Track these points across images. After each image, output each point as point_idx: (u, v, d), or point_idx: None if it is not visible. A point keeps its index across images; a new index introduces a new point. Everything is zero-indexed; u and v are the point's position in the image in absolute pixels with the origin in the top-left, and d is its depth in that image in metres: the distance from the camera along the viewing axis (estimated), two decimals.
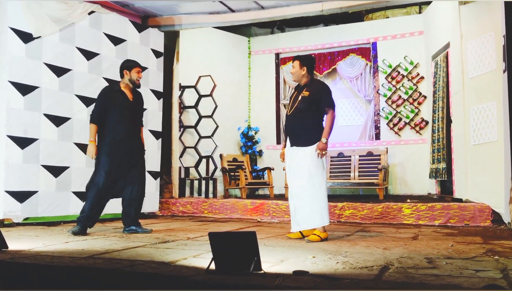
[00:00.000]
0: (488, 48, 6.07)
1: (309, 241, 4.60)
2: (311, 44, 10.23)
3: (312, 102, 4.80)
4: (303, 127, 4.80)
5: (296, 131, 4.86)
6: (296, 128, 4.86)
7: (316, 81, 5.07)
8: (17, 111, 5.81)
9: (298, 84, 5.05)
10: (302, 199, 4.75)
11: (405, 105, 9.30)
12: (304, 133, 4.79)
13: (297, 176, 4.81)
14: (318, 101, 4.80)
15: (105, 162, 5.19)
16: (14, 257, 3.47)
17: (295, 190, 4.82)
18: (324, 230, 4.74)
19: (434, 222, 6.22)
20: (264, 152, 10.42)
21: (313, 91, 4.84)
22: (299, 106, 4.84)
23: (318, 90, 4.86)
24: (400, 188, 9.25)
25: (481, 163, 6.24)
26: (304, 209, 4.73)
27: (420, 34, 9.19)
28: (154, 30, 7.79)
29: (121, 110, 5.29)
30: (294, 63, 4.97)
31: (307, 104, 4.80)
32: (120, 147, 5.24)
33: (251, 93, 10.74)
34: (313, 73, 5.02)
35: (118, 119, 5.25)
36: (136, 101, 5.55)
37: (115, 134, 5.23)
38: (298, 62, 4.93)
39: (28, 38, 5.95)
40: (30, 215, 5.95)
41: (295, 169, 4.84)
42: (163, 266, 3.14)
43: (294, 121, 4.89)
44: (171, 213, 7.98)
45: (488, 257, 3.56)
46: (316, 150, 4.68)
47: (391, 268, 3.08)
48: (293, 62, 5.01)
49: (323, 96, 4.83)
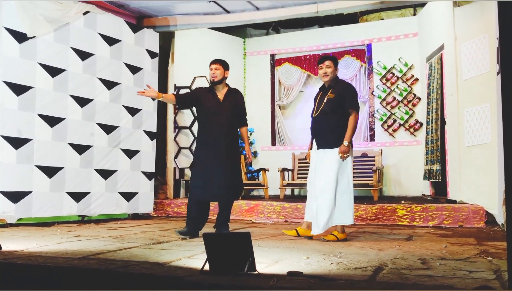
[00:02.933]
0: (482, 50, 6.10)
1: (324, 240, 4.71)
2: (306, 46, 10.25)
3: (338, 104, 4.81)
4: (329, 129, 4.82)
5: (322, 134, 4.89)
6: (322, 131, 4.89)
7: (341, 82, 5.06)
8: (11, 111, 5.78)
9: (323, 85, 5.06)
10: (325, 200, 4.74)
11: (400, 107, 9.33)
12: (330, 136, 4.81)
13: (322, 178, 4.81)
14: (342, 103, 4.81)
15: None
16: (8, 258, 3.45)
17: (319, 192, 4.81)
18: (343, 231, 4.79)
19: (428, 223, 6.24)
20: (259, 153, 10.42)
21: (338, 92, 4.85)
22: (325, 108, 4.86)
23: (343, 92, 4.87)
24: (394, 189, 9.28)
25: (475, 164, 6.27)
26: (327, 210, 4.72)
27: (415, 36, 9.22)
28: (149, 30, 7.78)
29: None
30: (328, 63, 4.92)
31: (332, 106, 4.82)
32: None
33: (246, 95, 10.71)
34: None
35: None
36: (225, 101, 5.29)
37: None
38: (332, 62, 4.94)
39: (22, 38, 5.92)
40: (24, 216, 5.92)
41: (320, 171, 4.85)
42: (157, 267, 3.13)
43: (320, 124, 4.91)
44: (166, 213, 7.97)
45: (482, 258, 3.57)
46: (339, 153, 4.71)
47: (385, 269, 3.09)
48: (324, 61, 4.94)
49: (347, 98, 4.84)
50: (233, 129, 5.23)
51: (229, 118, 5.15)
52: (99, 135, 6.81)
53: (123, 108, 7.20)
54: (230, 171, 5.08)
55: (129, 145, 7.27)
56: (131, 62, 7.38)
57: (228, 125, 5.13)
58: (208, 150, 5.09)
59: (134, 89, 7.35)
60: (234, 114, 5.19)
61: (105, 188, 6.85)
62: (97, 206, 6.72)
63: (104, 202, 6.83)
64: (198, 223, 5.15)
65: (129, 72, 7.32)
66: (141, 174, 7.48)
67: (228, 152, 5.08)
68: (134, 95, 7.33)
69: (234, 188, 5.14)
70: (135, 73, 7.43)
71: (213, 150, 5.06)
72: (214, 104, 5.15)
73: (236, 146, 5.26)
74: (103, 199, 6.81)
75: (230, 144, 5.12)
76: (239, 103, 5.28)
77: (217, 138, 5.07)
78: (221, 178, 5.01)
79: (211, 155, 5.06)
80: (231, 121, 5.17)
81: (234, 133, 5.23)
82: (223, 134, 5.08)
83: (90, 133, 6.69)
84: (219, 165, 5.02)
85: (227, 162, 5.06)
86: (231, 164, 5.11)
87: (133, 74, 7.40)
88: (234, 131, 5.24)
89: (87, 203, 6.60)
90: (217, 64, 5.24)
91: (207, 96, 5.23)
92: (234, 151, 5.19)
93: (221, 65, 5.26)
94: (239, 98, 5.35)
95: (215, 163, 5.03)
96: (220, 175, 5.01)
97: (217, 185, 5.01)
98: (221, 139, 5.06)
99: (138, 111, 7.42)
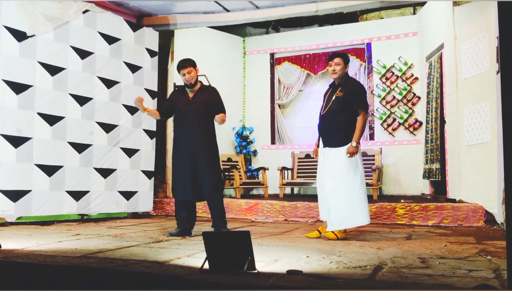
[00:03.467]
0: (482, 50, 6.10)
1: (325, 238, 4.71)
2: (305, 45, 10.24)
3: (346, 103, 4.76)
4: (336, 128, 4.78)
5: (329, 132, 4.85)
6: (329, 129, 4.85)
7: (351, 81, 5.01)
8: (10, 110, 5.78)
9: (333, 82, 5.01)
10: (336, 199, 4.72)
11: (399, 106, 9.32)
12: (337, 134, 4.77)
13: (330, 177, 4.78)
14: (350, 101, 4.76)
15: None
16: (7, 256, 3.45)
17: (329, 191, 4.77)
18: (344, 231, 4.77)
19: (428, 222, 6.24)
20: (258, 152, 10.42)
21: (347, 91, 4.80)
22: (332, 106, 4.82)
23: (352, 91, 4.81)
24: (394, 188, 9.28)
25: (475, 163, 6.27)
26: (338, 209, 4.70)
27: (414, 35, 9.22)
28: (149, 29, 7.77)
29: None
30: (337, 60, 4.86)
31: (340, 104, 4.77)
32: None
33: (246, 93, 10.73)
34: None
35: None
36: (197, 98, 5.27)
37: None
38: (341, 59, 4.87)
39: (22, 37, 5.92)
40: (24, 214, 5.92)
41: (328, 170, 4.82)
42: (156, 266, 3.13)
43: (327, 122, 4.87)
44: (165, 212, 7.97)
45: (481, 257, 3.57)
46: (347, 153, 4.67)
47: (384, 268, 3.09)
48: (334, 58, 4.89)
49: (356, 97, 4.78)
50: (207, 126, 5.17)
51: (201, 115, 5.12)
52: (99, 134, 6.81)
53: (123, 107, 7.20)
54: (207, 167, 5.06)
55: (128, 144, 7.27)
56: (131, 61, 7.38)
57: (200, 123, 5.10)
58: (183, 150, 5.10)
59: (133, 88, 7.36)
60: (208, 111, 5.15)
61: (104, 187, 6.85)
62: (96, 204, 6.72)
63: (103, 200, 6.83)
64: (188, 223, 5.20)
65: (128, 71, 7.32)
66: (141, 172, 7.48)
67: (204, 149, 5.08)
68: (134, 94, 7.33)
69: (213, 184, 5.09)
70: (134, 72, 7.42)
71: (188, 149, 5.07)
72: (184, 103, 5.18)
73: (212, 141, 5.21)
74: (102, 197, 6.81)
75: (204, 142, 5.10)
76: (212, 100, 5.21)
77: (190, 137, 5.08)
78: (198, 176, 5.04)
79: (187, 154, 5.08)
80: (204, 118, 5.13)
81: (208, 130, 5.19)
82: (196, 132, 5.07)
83: (90, 132, 6.69)
84: (196, 163, 5.05)
85: (204, 158, 5.06)
86: (208, 160, 5.09)
87: (133, 73, 7.39)
88: (208, 128, 5.19)
89: (87, 202, 6.60)
90: (189, 67, 5.17)
91: (179, 97, 5.28)
92: (209, 147, 5.16)
93: (192, 66, 5.20)
94: (212, 94, 5.28)
95: (191, 162, 5.05)
96: (198, 173, 5.04)
97: (195, 183, 5.04)
98: (195, 138, 5.07)
99: (137, 110, 7.40)
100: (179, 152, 5.17)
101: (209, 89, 5.40)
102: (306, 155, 9.60)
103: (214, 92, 5.34)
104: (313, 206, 6.89)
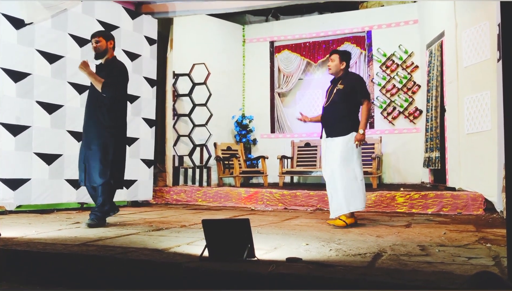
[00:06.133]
0: (483, 37, 6.06)
1: (334, 226, 4.78)
2: (306, 33, 10.20)
3: (346, 95, 4.93)
4: (337, 118, 4.94)
5: (330, 123, 5.01)
6: (330, 120, 5.01)
7: (350, 74, 5.16)
8: (9, 98, 5.75)
9: (334, 78, 5.15)
10: (335, 186, 4.87)
11: (399, 94, 9.30)
12: (337, 124, 4.93)
13: (330, 164, 4.93)
14: (352, 93, 4.92)
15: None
16: (7, 244, 3.45)
17: (329, 178, 4.95)
18: (351, 216, 4.89)
19: (427, 210, 6.25)
20: (258, 141, 10.41)
21: (348, 83, 4.96)
22: (334, 98, 4.99)
23: (352, 83, 4.98)
24: (393, 177, 9.28)
25: (475, 152, 6.26)
26: (337, 196, 4.86)
27: (415, 23, 9.17)
28: (148, 17, 7.72)
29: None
30: (333, 57, 5.05)
31: (341, 96, 4.94)
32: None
33: (245, 82, 10.70)
34: (349, 67, 5.13)
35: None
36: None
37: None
38: (338, 56, 5.04)
39: (19, 24, 5.87)
40: (23, 203, 5.92)
41: (329, 158, 4.96)
42: (156, 253, 3.13)
43: (329, 113, 5.05)
44: (165, 201, 7.97)
45: (481, 244, 3.58)
46: (355, 142, 4.82)
47: (384, 256, 3.09)
48: (331, 55, 5.09)
49: (357, 88, 4.95)
50: (99, 102, 4.83)
51: (97, 91, 4.83)
52: None
53: None
54: (95, 148, 4.77)
55: (128, 132, 7.18)
56: (130, 49, 7.33)
57: (94, 99, 4.86)
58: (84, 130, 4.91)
59: (132, 76, 7.28)
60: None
61: None
62: None
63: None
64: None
65: (127, 58, 7.27)
66: (140, 161, 7.47)
67: (90, 129, 4.82)
68: (133, 82, 7.30)
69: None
70: (133, 60, 7.39)
71: (83, 128, 4.91)
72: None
73: (104, 121, 4.81)
74: None
75: (94, 121, 4.81)
76: (110, 72, 4.89)
77: (85, 116, 4.90)
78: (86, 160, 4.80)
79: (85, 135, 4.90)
80: (100, 94, 4.82)
81: (100, 107, 4.82)
82: (94, 110, 4.83)
83: None
84: (92, 143, 4.80)
85: (93, 140, 4.80)
86: (94, 141, 4.79)
87: (132, 61, 7.35)
88: (101, 106, 4.82)
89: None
90: (98, 37, 4.93)
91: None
92: (97, 127, 4.80)
93: (103, 36, 4.95)
94: (114, 64, 4.98)
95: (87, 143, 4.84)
96: (88, 156, 4.79)
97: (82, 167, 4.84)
98: (87, 116, 4.87)
99: (136, 99, 7.39)
100: (83, 132, 4.99)
101: (114, 61, 5.05)
102: (305, 144, 9.59)
103: (117, 64, 5.03)
104: (312, 195, 6.90)
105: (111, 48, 5.01)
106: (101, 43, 4.95)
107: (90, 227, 4.62)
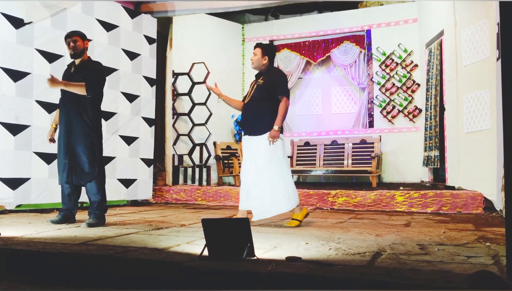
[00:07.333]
0: (482, 36, 6.06)
1: (287, 227, 4.61)
2: (305, 31, 10.19)
3: (266, 91, 4.72)
4: (256, 116, 4.73)
5: (249, 120, 4.80)
6: (249, 117, 4.80)
7: (273, 70, 4.96)
8: (8, 97, 5.75)
9: (258, 72, 4.95)
10: (262, 187, 4.65)
11: (399, 93, 9.30)
12: (257, 122, 4.73)
13: (253, 165, 4.72)
14: (272, 89, 4.72)
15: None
16: (7, 244, 3.45)
17: (253, 179, 4.71)
18: (300, 210, 4.74)
19: (427, 209, 6.25)
20: None
21: (268, 79, 4.76)
22: (254, 94, 4.79)
23: (273, 79, 4.77)
24: (393, 176, 9.29)
25: (474, 150, 6.27)
26: (264, 199, 4.65)
27: (414, 21, 9.17)
28: (147, 16, 7.72)
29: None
30: (255, 50, 4.86)
31: (261, 92, 4.74)
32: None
33: (244, 81, 10.70)
34: (273, 63, 4.94)
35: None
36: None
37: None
38: (260, 50, 4.84)
39: (19, 24, 5.87)
40: (23, 202, 5.92)
41: (251, 158, 4.76)
42: (156, 253, 3.14)
43: (247, 110, 4.83)
44: (165, 200, 7.98)
45: (480, 243, 3.58)
46: (269, 138, 4.61)
47: (383, 254, 3.10)
48: (254, 48, 4.89)
49: (277, 84, 4.73)
50: (81, 102, 4.77)
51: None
52: None
53: (121, 94, 7.17)
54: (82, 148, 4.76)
55: (127, 132, 7.26)
56: (129, 48, 7.33)
57: (74, 99, 4.79)
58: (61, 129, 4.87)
59: (132, 75, 7.33)
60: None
61: None
62: None
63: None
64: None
65: (127, 58, 7.28)
66: (140, 160, 7.48)
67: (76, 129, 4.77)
68: (132, 82, 7.31)
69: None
70: (133, 59, 7.38)
71: (64, 128, 4.84)
72: (67, 78, 4.96)
73: (89, 121, 4.78)
74: None
75: (78, 120, 4.77)
76: (90, 72, 4.85)
77: (64, 116, 4.84)
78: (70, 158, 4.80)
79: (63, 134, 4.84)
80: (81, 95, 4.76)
81: (83, 107, 4.78)
82: (70, 110, 4.80)
83: None
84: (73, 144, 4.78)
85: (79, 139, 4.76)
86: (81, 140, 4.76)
87: (131, 60, 7.35)
88: (84, 105, 4.78)
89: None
90: (75, 37, 4.89)
91: (67, 71, 5.06)
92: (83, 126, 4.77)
93: (80, 36, 4.92)
94: (92, 67, 4.94)
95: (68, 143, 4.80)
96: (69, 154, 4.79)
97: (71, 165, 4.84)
98: (69, 116, 4.81)
99: (136, 98, 7.39)
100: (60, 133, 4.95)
101: (90, 63, 5.01)
102: (305, 143, 9.59)
103: (95, 66, 5.00)
104: (312, 194, 6.90)
105: (86, 49, 4.99)
106: (79, 42, 4.90)
107: (91, 227, 4.63)
